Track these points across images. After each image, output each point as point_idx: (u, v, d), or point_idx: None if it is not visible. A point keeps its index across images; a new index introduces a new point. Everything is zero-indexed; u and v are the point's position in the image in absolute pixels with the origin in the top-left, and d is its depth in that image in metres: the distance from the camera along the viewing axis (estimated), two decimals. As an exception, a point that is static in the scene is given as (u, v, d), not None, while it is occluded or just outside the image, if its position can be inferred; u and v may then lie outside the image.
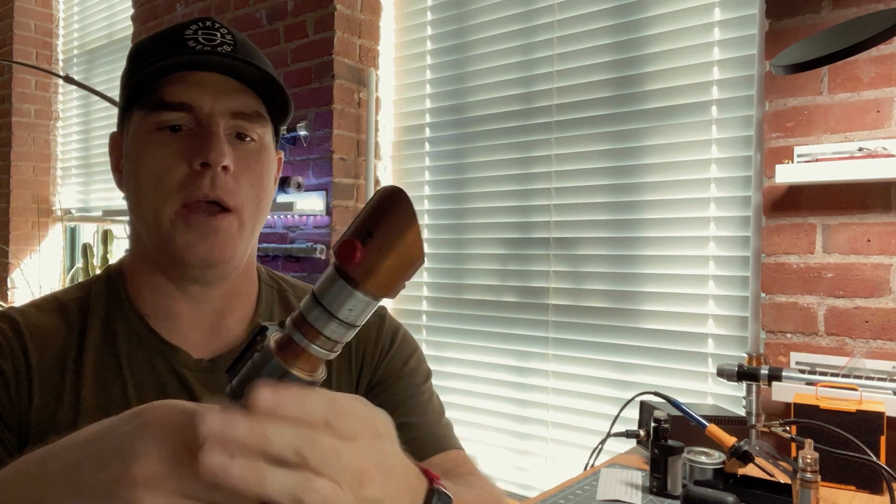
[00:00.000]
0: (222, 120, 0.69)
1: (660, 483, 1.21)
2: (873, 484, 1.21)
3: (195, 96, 0.68)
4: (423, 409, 0.80)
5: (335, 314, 0.39)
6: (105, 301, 0.74)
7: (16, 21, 3.76)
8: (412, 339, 0.87)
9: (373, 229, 0.39)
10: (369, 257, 0.38)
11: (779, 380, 1.42)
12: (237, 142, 0.71)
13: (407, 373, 0.82)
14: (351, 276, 0.39)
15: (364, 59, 2.40)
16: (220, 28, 0.72)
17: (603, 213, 1.94)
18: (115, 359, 0.71)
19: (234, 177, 0.69)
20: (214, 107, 0.69)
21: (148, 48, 0.71)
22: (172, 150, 0.68)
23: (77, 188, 3.77)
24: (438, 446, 0.77)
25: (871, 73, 1.43)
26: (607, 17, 1.95)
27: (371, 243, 0.39)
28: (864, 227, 1.44)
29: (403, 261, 0.40)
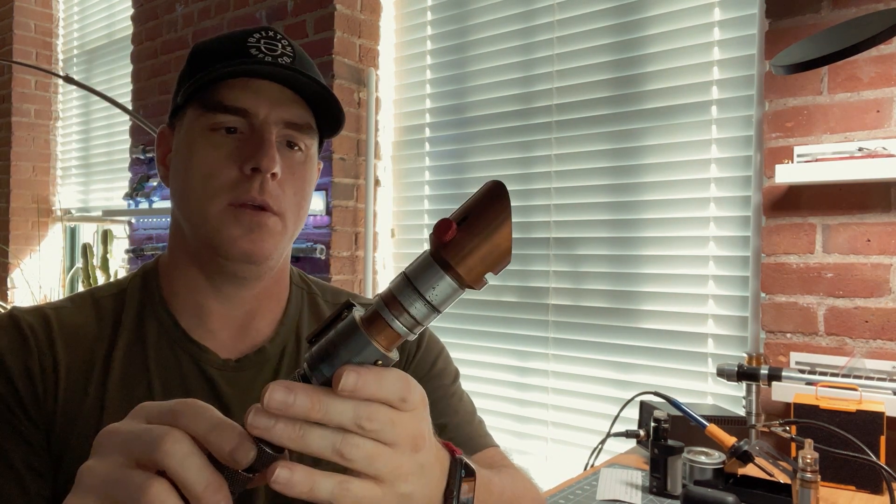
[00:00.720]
0: (275, 128, 0.71)
1: (660, 483, 1.21)
2: (873, 484, 1.22)
3: (253, 102, 0.70)
4: (455, 409, 0.81)
5: (422, 293, 0.41)
6: (139, 298, 0.76)
7: (16, 21, 3.76)
8: (438, 341, 0.88)
9: (469, 214, 0.41)
10: (461, 239, 0.40)
11: (779, 380, 1.42)
12: (286, 150, 0.73)
13: (435, 374, 0.83)
14: (441, 255, 0.41)
15: (364, 59, 2.40)
16: (282, 39, 0.74)
17: (603, 212, 1.94)
18: (144, 355, 0.72)
19: (281, 183, 0.71)
20: (270, 115, 0.71)
21: (210, 51, 0.73)
22: (225, 151, 0.70)
23: (77, 188, 3.78)
24: (473, 446, 0.78)
25: (870, 73, 1.43)
26: (607, 17, 1.95)
27: (464, 226, 0.40)
28: (864, 227, 1.44)
29: (491, 249, 0.41)
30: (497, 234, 0.41)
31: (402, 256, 2.42)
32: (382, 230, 2.44)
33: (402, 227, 2.43)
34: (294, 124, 0.72)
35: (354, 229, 2.36)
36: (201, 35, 2.77)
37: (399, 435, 0.42)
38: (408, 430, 0.43)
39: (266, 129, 0.70)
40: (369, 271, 2.36)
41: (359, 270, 2.37)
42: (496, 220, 0.41)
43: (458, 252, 0.40)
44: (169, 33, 2.93)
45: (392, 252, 2.45)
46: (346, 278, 2.33)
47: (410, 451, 0.43)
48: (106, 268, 3.27)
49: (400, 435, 0.42)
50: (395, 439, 0.42)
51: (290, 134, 0.73)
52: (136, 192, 2.97)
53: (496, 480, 0.64)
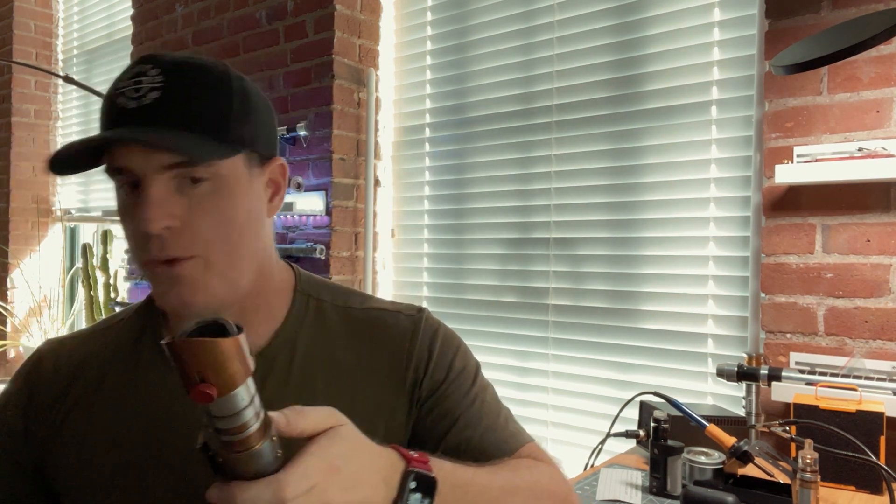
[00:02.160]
0: (158, 177, 0.65)
1: (659, 483, 1.21)
2: (873, 484, 1.22)
3: (126, 158, 0.66)
4: (478, 417, 0.77)
5: (225, 415, 0.46)
6: (142, 319, 0.80)
7: (16, 21, 3.76)
8: (453, 338, 0.83)
9: (200, 375, 0.45)
10: (214, 386, 0.45)
11: (778, 380, 1.42)
12: (188, 188, 0.67)
13: (453, 379, 0.78)
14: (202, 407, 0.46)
15: (364, 59, 2.40)
16: (152, 69, 0.66)
17: (603, 213, 1.94)
18: (135, 375, 0.75)
19: (186, 227, 0.66)
20: (147, 166, 0.65)
21: (105, 96, 0.69)
22: (127, 211, 0.69)
23: (77, 188, 3.78)
24: (505, 450, 0.76)
25: (870, 73, 1.43)
26: (607, 17, 1.95)
27: (207, 378, 0.45)
28: (864, 227, 1.44)
29: (224, 366, 0.45)
30: (216, 358, 0.45)
31: (401, 256, 2.42)
32: (382, 230, 2.44)
33: (402, 228, 2.43)
34: (178, 164, 0.65)
35: (354, 229, 2.36)
36: (201, 35, 2.77)
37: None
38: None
39: (146, 185, 0.65)
40: (369, 271, 2.36)
41: (359, 270, 2.37)
42: (209, 354, 0.45)
43: (208, 397, 0.45)
44: (169, 33, 2.93)
45: (392, 252, 2.45)
46: (346, 278, 2.33)
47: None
48: (106, 268, 3.27)
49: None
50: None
51: (181, 172, 0.66)
52: (135, 192, 2.97)
53: (479, 480, 0.65)
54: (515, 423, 0.81)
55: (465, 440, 0.75)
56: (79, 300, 3.67)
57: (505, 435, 0.78)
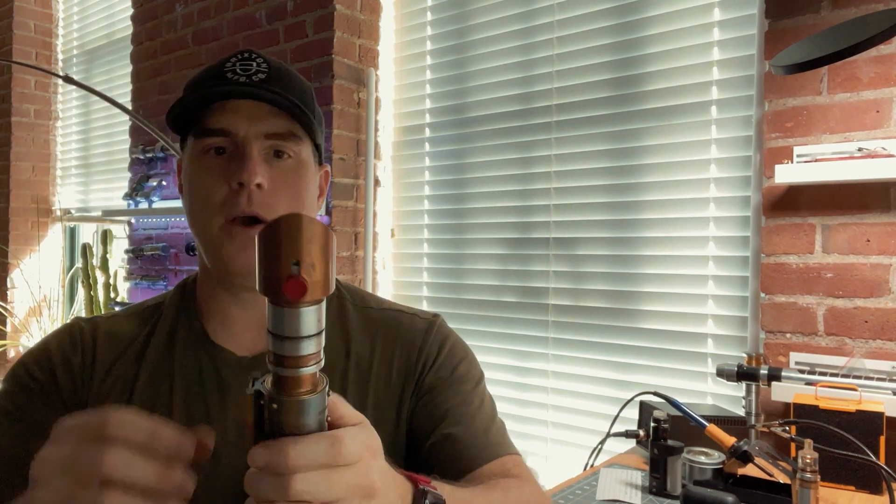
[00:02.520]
0: (257, 142, 0.75)
1: (659, 483, 1.21)
2: (873, 484, 1.22)
3: (231, 122, 0.75)
4: (472, 417, 0.82)
5: (292, 335, 0.42)
6: (175, 307, 0.84)
7: (15, 21, 3.76)
8: (463, 347, 0.89)
9: (296, 259, 0.40)
10: (307, 280, 0.40)
11: (778, 380, 1.42)
12: (275, 160, 0.77)
13: (456, 380, 0.84)
14: (288, 301, 0.41)
15: (364, 59, 2.40)
16: (258, 58, 0.79)
17: (603, 213, 1.94)
18: (171, 357, 0.79)
19: (271, 193, 0.75)
20: (249, 130, 0.75)
21: (195, 81, 0.79)
22: (215, 171, 0.75)
23: (77, 188, 3.77)
24: (487, 455, 0.79)
25: (870, 73, 1.43)
26: (607, 17, 1.95)
27: (303, 268, 0.40)
28: (864, 227, 1.44)
29: (327, 257, 0.42)
30: (321, 245, 0.41)
31: (401, 256, 2.42)
32: (382, 230, 2.44)
33: (402, 227, 2.43)
34: (275, 135, 0.76)
35: (354, 229, 2.36)
36: (201, 35, 2.77)
37: (339, 492, 0.43)
38: (349, 484, 0.44)
39: (247, 145, 0.75)
40: (369, 271, 2.36)
41: (359, 270, 2.37)
42: (311, 237, 0.41)
43: (305, 290, 0.41)
44: (169, 33, 2.93)
45: (392, 252, 2.45)
46: (346, 278, 2.33)
47: (361, 501, 0.45)
48: (105, 268, 3.27)
49: (340, 491, 0.43)
50: (336, 496, 0.43)
51: (274, 144, 0.77)
52: (135, 192, 2.97)
53: (477, 501, 0.66)
54: (505, 435, 0.86)
55: (452, 437, 0.79)
56: (79, 300, 3.67)
57: (494, 440, 0.82)
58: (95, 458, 0.42)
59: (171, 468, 0.44)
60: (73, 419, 0.45)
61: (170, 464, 0.44)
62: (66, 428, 0.45)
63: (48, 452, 0.44)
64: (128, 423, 0.43)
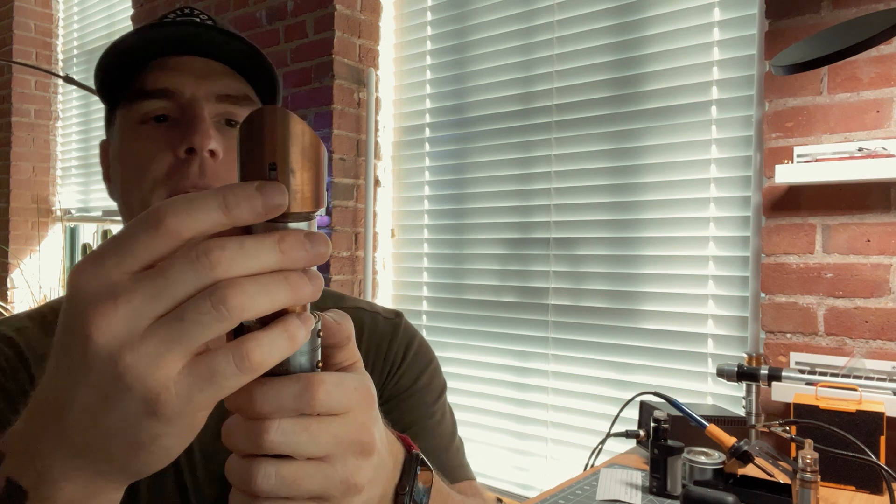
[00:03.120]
0: (207, 104, 0.64)
1: (659, 483, 1.21)
2: (873, 484, 1.22)
3: (176, 81, 0.64)
4: (433, 432, 0.75)
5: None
6: None
7: (16, 21, 3.76)
8: (428, 351, 0.81)
9: (273, 161, 0.33)
10: (289, 188, 0.33)
11: (778, 380, 1.42)
12: (226, 129, 0.66)
13: (418, 389, 0.76)
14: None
15: (364, 59, 2.40)
16: (200, 14, 0.68)
17: (603, 213, 1.94)
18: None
19: (226, 163, 0.64)
20: (198, 90, 0.64)
21: (125, 37, 0.66)
22: (156, 140, 0.63)
23: (77, 188, 3.77)
24: (450, 477, 0.71)
25: (870, 73, 1.43)
26: (607, 17, 1.95)
27: (280, 172, 0.33)
28: (864, 227, 1.44)
29: (314, 166, 0.34)
30: (308, 150, 0.34)
31: (401, 256, 2.42)
32: (382, 230, 2.44)
33: (402, 227, 2.43)
34: (229, 97, 0.65)
35: (354, 229, 2.36)
36: (201, 35, 2.77)
37: (324, 445, 0.35)
38: (337, 437, 0.35)
39: (196, 105, 0.64)
40: (369, 271, 2.36)
41: (359, 270, 2.37)
42: (295, 141, 0.33)
43: (293, 200, 0.33)
44: (169, 33, 2.93)
45: (392, 252, 2.45)
46: (346, 278, 2.33)
47: (355, 460, 0.37)
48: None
49: (326, 445, 0.35)
50: (321, 450, 0.35)
51: (227, 110, 0.65)
52: (135, 192, 2.97)
53: (456, 498, 0.59)
54: (464, 458, 0.79)
55: None
56: (79, 300, 3.66)
57: (453, 462, 0.75)
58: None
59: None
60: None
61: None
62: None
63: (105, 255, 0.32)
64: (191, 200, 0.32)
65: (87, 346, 0.30)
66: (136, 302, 0.30)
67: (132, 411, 0.31)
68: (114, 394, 0.31)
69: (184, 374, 0.31)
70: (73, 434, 0.33)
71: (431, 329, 2.30)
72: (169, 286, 0.30)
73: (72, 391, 0.32)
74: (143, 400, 0.30)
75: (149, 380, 0.30)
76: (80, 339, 0.30)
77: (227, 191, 0.31)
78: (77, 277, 0.31)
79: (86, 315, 0.30)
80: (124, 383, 0.30)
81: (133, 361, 0.30)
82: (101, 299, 0.30)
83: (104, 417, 0.31)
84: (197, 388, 0.31)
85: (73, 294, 0.31)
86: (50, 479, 0.34)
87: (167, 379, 0.30)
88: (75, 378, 0.31)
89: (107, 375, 0.30)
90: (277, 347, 0.32)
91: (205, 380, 0.31)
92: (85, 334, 0.30)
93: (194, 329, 0.30)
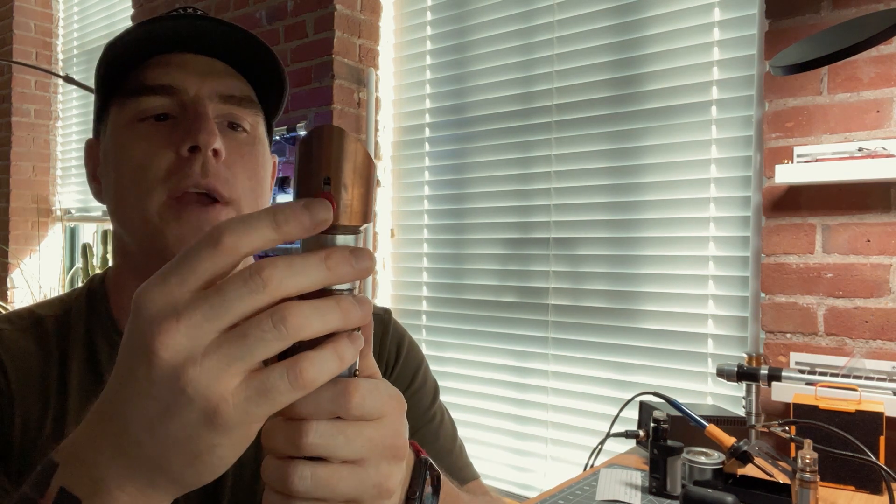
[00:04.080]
0: (211, 103, 0.62)
1: (659, 483, 1.21)
2: (872, 484, 1.21)
3: (179, 77, 0.62)
4: (435, 435, 0.74)
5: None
6: (85, 319, 0.68)
7: (16, 21, 3.76)
8: (418, 349, 0.80)
9: (328, 175, 0.35)
10: (340, 202, 0.35)
11: (778, 380, 1.42)
12: (229, 131, 0.64)
13: (415, 392, 0.75)
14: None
15: (364, 60, 2.40)
16: (198, 12, 0.66)
17: (603, 213, 1.94)
18: (99, 378, 0.65)
19: (228, 165, 0.62)
20: (201, 89, 0.62)
21: (123, 35, 0.64)
22: (157, 138, 0.61)
23: (77, 188, 3.77)
24: (457, 479, 0.70)
25: (870, 73, 1.43)
26: (607, 17, 1.95)
27: (333, 186, 0.35)
28: (864, 228, 1.44)
29: (366, 183, 0.37)
30: (361, 169, 0.36)
31: (401, 256, 2.42)
32: (382, 230, 2.44)
33: (402, 227, 2.43)
34: (232, 97, 0.64)
35: (354, 229, 2.36)
36: (201, 35, 2.77)
37: (360, 448, 0.36)
38: (372, 442, 0.37)
39: (199, 104, 0.61)
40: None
41: (359, 270, 2.36)
42: (350, 160, 0.36)
43: (342, 215, 0.36)
44: (169, 33, 2.93)
45: (392, 252, 2.45)
46: (346, 278, 2.33)
47: (388, 465, 0.38)
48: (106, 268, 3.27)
49: (362, 448, 0.36)
50: (357, 454, 0.36)
51: (229, 112, 0.64)
52: (135, 192, 2.97)
53: (465, 498, 0.59)
54: (467, 457, 0.78)
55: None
56: (79, 300, 3.66)
57: (458, 463, 0.75)
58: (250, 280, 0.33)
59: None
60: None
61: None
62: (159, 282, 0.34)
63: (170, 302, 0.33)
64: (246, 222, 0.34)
65: (153, 360, 0.32)
66: (196, 318, 0.32)
67: (192, 422, 0.32)
68: (175, 406, 0.32)
69: (241, 388, 0.32)
70: (132, 445, 0.34)
71: (431, 329, 2.30)
72: (226, 304, 0.32)
73: (134, 403, 0.33)
74: (203, 411, 0.32)
75: (210, 392, 0.32)
76: (146, 355, 0.32)
77: (278, 209, 0.33)
78: (142, 297, 0.33)
79: (151, 332, 0.32)
80: (186, 396, 0.32)
81: (196, 375, 0.31)
82: (164, 316, 0.32)
83: (164, 428, 0.33)
84: (253, 403, 0.32)
85: (138, 312, 0.33)
86: (104, 490, 0.35)
87: (227, 392, 0.32)
88: (138, 391, 0.33)
89: (170, 388, 0.32)
90: (328, 366, 0.34)
91: (261, 395, 0.32)
92: (150, 350, 0.32)
93: (256, 346, 0.32)
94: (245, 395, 0.32)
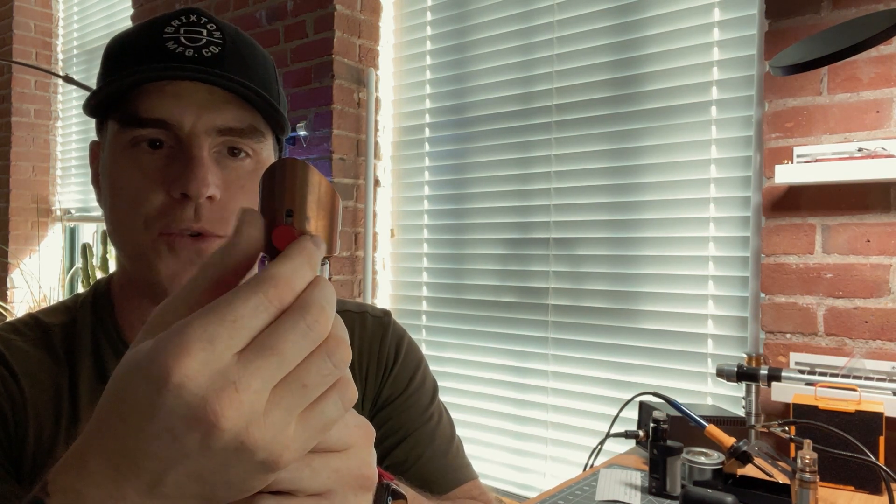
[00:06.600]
0: (207, 139, 0.60)
1: (659, 483, 1.21)
2: (872, 484, 1.21)
3: (174, 111, 0.59)
4: (432, 436, 0.74)
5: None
6: (91, 328, 0.68)
7: (15, 21, 3.76)
8: (417, 349, 0.80)
9: (290, 207, 0.35)
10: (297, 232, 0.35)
11: (778, 380, 1.42)
12: (228, 160, 0.62)
13: (413, 392, 0.75)
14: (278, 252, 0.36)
15: (364, 59, 2.40)
16: (208, 24, 0.62)
17: (602, 213, 1.94)
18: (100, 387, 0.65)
19: (224, 204, 0.60)
20: (197, 124, 0.59)
21: (124, 46, 0.62)
22: (149, 172, 0.59)
23: (77, 188, 3.77)
24: (450, 481, 0.72)
25: (870, 73, 1.43)
26: (607, 18, 1.95)
27: (296, 219, 0.35)
28: (864, 228, 1.44)
29: (329, 215, 0.37)
30: (322, 198, 0.37)
31: (401, 256, 2.42)
32: (382, 230, 2.44)
33: (401, 228, 2.43)
34: (231, 129, 0.61)
35: (354, 229, 2.36)
36: (201, 35, 2.77)
37: (325, 480, 0.35)
38: (339, 473, 0.36)
39: (194, 144, 0.59)
40: (369, 271, 2.36)
41: (358, 271, 2.37)
42: (312, 189, 0.36)
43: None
44: (169, 33, 2.92)
45: (391, 252, 2.45)
46: (346, 278, 2.33)
47: (355, 496, 0.37)
48: (106, 268, 3.27)
49: (327, 480, 0.35)
50: (322, 486, 0.35)
51: (228, 141, 0.61)
52: (135, 192, 2.97)
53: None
54: (465, 457, 0.78)
55: (414, 457, 0.72)
56: (79, 300, 3.66)
57: (454, 464, 0.75)
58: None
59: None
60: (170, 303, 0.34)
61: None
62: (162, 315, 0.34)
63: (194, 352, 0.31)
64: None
65: (212, 433, 0.30)
66: (256, 385, 0.30)
67: (250, 470, 0.31)
68: (234, 462, 0.31)
69: (300, 430, 0.32)
70: (171, 489, 0.32)
71: (431, 329, 2.30)
72: (285, 363, 0.31)
73: (181, 463, 0.31)
74: (264, 462, 0.31)
75: (274, 445, 0.31)
76: (204, 427, 0.30)
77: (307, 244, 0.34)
78: (183, 370, 0.29)
79: (209, 406, 0.29)
80: (248, 452, 0.30)
81: (260, 435, 0.30)
82: (220, 389, 0.29)
83: (218, 479, 0.32)
84: (312, 439, 0.32)
85: (182, 386, 0.29)
86: None
87: (288, 440, 0.31)
88: (186, 454, 0.31)
89: (231, 451, 0.30)
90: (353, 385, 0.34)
91: (319, 430, 0.32)
92: (210, 423, 0.29)
93: (316, 391, 0.32)
94: (304, 435, 0.32)
